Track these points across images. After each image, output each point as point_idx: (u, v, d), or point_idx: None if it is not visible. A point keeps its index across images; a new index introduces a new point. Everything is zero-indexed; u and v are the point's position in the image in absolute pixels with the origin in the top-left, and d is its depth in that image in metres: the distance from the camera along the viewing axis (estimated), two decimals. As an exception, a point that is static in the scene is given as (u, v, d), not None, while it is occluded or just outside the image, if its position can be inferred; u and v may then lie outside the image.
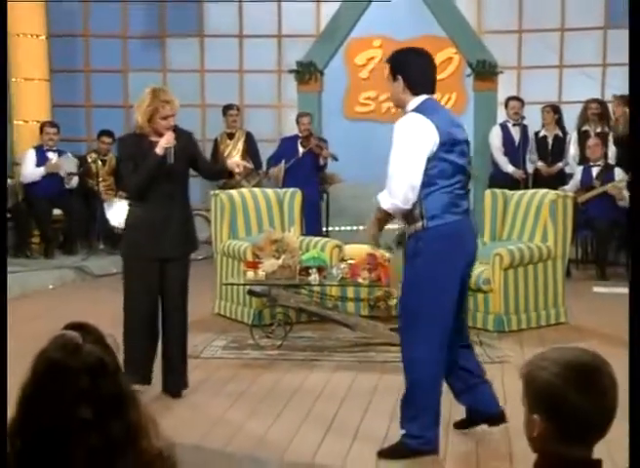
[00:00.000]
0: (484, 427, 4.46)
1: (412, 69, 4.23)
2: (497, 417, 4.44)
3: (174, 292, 5.09)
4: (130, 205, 5.19)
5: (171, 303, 5.09)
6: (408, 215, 4.16)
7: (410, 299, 4.22)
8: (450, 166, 4.14)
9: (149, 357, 5.09)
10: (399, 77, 4.20)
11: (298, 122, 10.34)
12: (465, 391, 4.47)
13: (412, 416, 4.19)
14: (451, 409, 4.62)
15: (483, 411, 4.46)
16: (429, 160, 4.07)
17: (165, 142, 4.89)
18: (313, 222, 9.35)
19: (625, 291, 8.25)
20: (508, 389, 4.90)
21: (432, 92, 4.27)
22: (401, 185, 4.05)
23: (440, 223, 4.13)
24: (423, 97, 4.20)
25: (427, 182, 4.10)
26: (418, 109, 4.15)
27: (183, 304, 5.14)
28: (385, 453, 4.23)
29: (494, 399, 4.49)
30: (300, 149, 10.21)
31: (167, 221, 5.01)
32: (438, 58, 10.64)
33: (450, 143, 4.13)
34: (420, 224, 4.12)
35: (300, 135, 10.25)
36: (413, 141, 4.08)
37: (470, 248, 4.33)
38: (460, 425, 4.56)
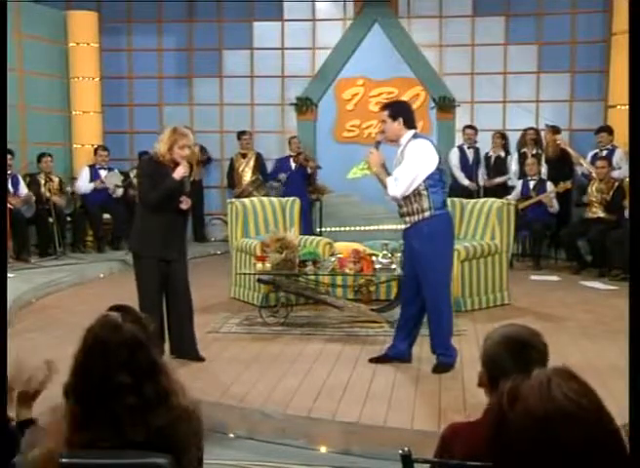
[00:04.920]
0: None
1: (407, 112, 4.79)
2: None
3: (180, 285, 5.01)
4: (142, 212, 5.02)
5: (180, 293, 5.01)
6: (417, 207, 4.64)
7: (436, 268, 4.67)
8: (442, 174, 4.78)
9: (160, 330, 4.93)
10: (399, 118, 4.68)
11: (290, 143, 10.40)
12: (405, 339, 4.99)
13: (443, 342, 4.78)
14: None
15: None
16: (435, 169, 4.65)
17: (182, 171, 4.89)
18: (305, 225, 9.28)
19: (554, 278, 8.30)
20: (464, 355, 4.90)
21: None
22: (406, 185, 4.60)
23: (444, 212, 4.74)
24: (414, 130, 4.76)
25: (432, 184, 4.64)
26: (416, 136, 4.70)
27: (188, 292, 5.06)
28: (438, 371, 4.73)
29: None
30: (293, 164, 10.20)
31: (173, 230, 4.97)
32: (408, 94, 10.64)
33: (439, 159, 4.71)
34: (428, 213, 4.63)
35: (292, 153, 10.27)
36: (424, 158, 4.62)
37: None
38: (377, 360, 5.03)
